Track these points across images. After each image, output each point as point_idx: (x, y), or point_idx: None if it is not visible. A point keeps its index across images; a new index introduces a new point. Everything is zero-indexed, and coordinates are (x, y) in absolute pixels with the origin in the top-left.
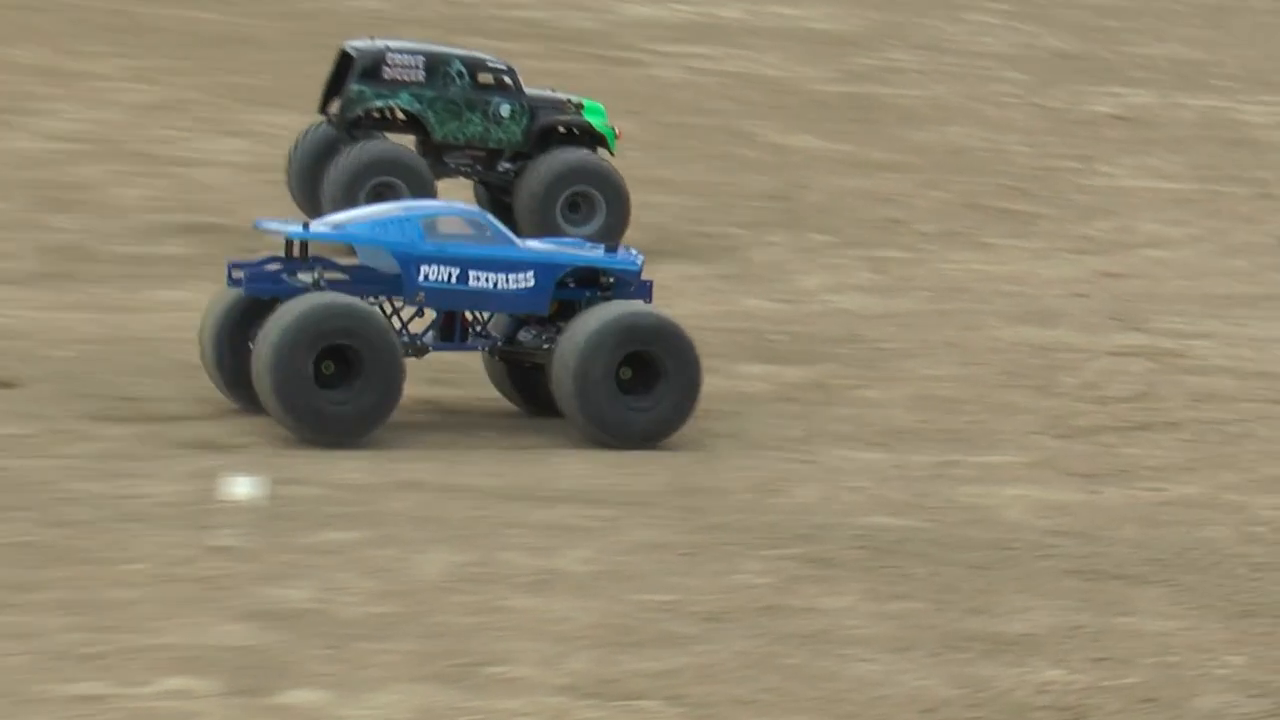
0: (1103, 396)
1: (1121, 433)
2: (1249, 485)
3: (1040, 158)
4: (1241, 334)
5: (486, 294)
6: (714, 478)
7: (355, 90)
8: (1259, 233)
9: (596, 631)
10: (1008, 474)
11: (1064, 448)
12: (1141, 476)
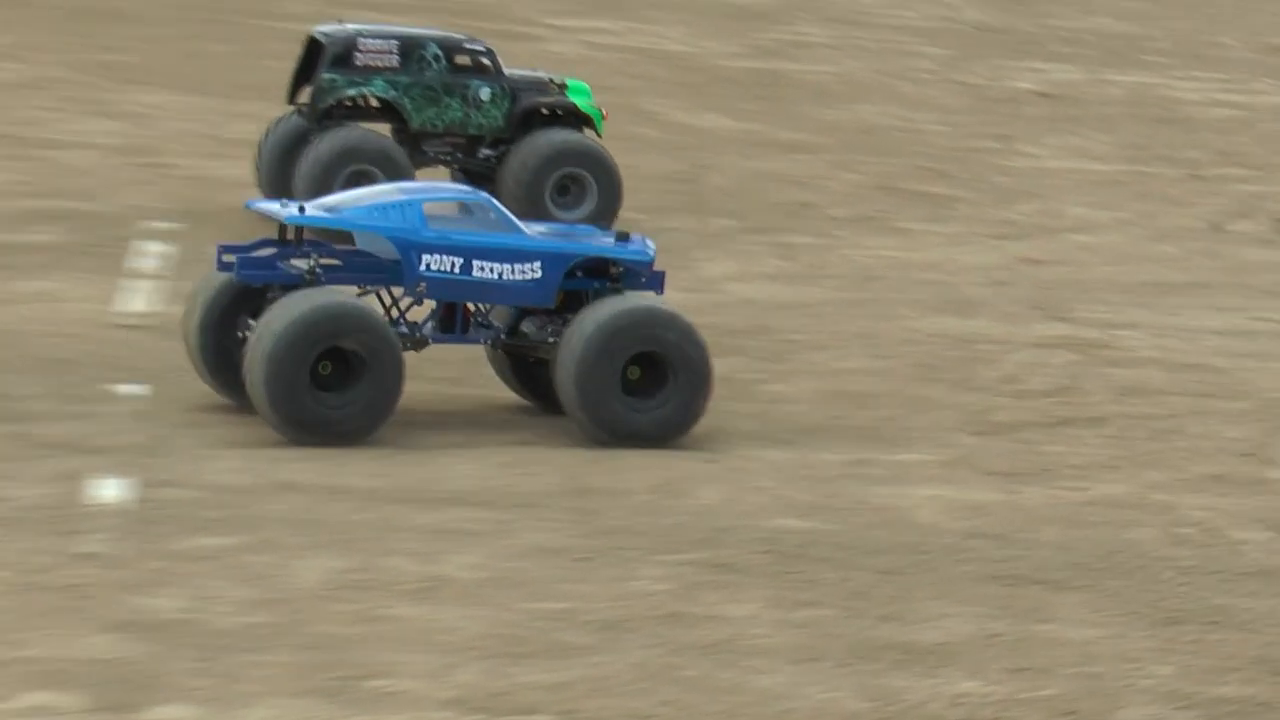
0: (1023, 390)
1: (1043, 429)
2: (1177, 484)
3: (959, 137)
4: (1170, 324)
5: (490, 285)
6: (611, 478)
7: (327, 79)
8: (1190, 216)
9: (485, 642)
10: (922, 473)
11: (982, 445)
12: (1064, 475)
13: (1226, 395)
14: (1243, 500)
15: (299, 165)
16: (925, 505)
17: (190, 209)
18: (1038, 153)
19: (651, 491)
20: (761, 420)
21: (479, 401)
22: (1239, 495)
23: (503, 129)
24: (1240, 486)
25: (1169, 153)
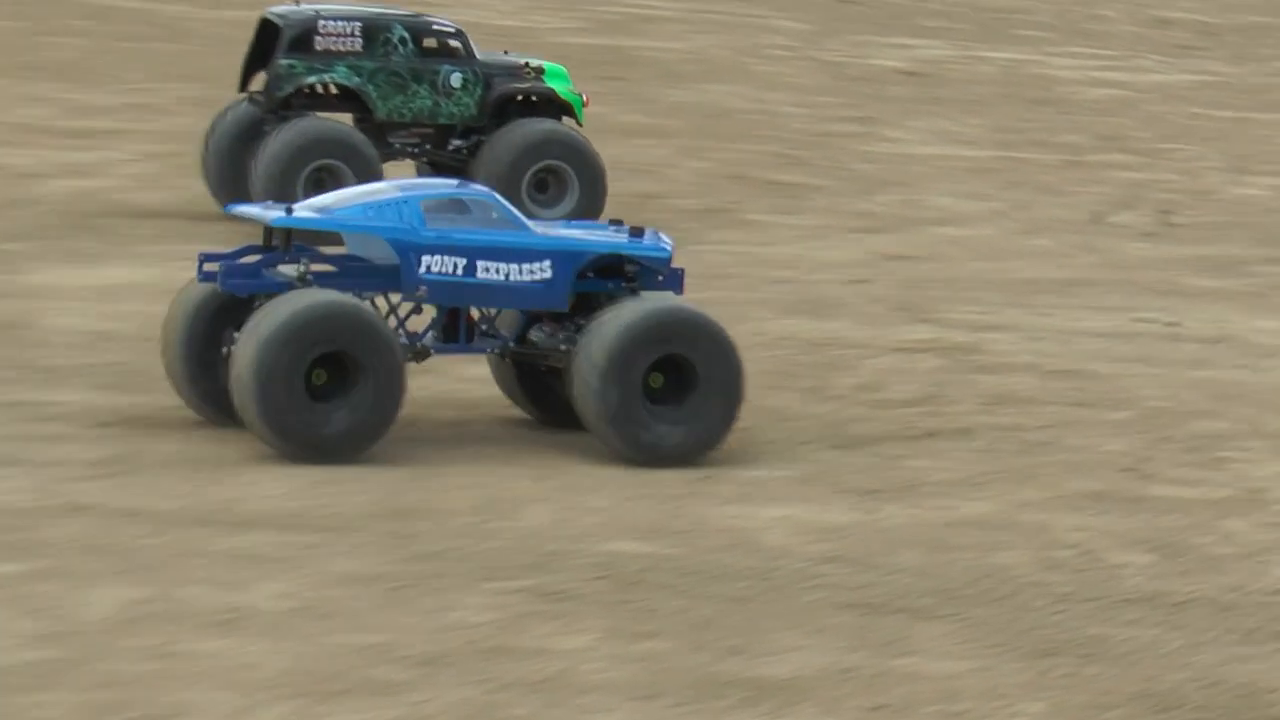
0: (884, 400)
1: (905, 442)
2: (1051, 503)
3: (816, 121)
4: (1045, 325)
5: (497, 288)
6: (430, 497)
7: (284, 65)
8: (1068, 207)
9: (292, 679)
10: (773, 491)
11: (838, 460)
12: (927, 493)
13: (1106, 404)
14: (1122, 520)
15: (255, 160)
16: (776, 526)
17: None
18: (902, 137)
19: (475, 512)
20: None
21: None
22: (1118, 514)
23: (475, 118)
24: (1120, 505)
25: (1045, 137)
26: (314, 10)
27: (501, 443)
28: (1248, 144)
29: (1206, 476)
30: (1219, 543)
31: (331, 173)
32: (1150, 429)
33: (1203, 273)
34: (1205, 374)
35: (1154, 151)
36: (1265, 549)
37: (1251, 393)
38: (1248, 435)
